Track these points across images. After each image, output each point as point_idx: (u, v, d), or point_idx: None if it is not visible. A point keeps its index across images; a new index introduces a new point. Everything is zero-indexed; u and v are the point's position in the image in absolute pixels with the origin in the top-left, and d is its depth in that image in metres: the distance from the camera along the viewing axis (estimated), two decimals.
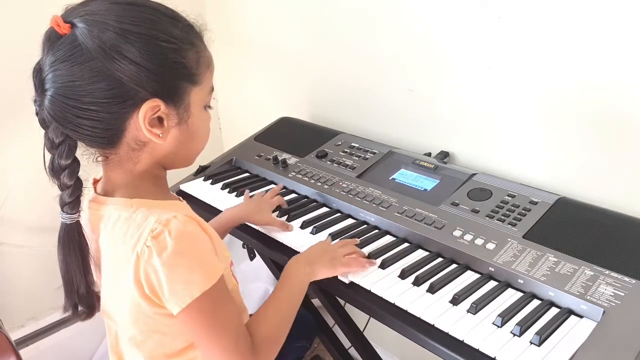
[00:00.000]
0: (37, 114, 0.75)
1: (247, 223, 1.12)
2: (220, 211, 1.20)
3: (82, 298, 0.81)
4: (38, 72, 0.72)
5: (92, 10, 0.70)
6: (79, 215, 0.78)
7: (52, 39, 0.70)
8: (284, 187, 1.29)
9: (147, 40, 0.70)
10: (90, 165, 0.79)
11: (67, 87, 0.70)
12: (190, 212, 0.81)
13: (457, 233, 1.00)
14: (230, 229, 1.12)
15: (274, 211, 1.15)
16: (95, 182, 0.85)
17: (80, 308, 0.82)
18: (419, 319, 0.85)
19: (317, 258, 0.95)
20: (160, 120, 0.75)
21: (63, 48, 0.69)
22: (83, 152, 0.77)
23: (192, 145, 0.81)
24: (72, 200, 0.76)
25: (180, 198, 0.88)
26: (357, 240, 1.04)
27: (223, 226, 1.11)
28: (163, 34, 0.72)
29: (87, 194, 0.81)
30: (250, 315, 0.90)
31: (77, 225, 0.79)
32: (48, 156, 0.76)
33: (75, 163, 0.76)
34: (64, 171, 0.75)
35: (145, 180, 0.80)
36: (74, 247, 0.78)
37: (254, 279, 1.93)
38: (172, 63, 0.73)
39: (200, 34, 0.78)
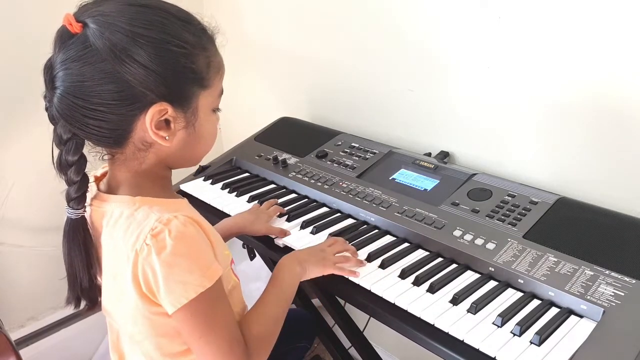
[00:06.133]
0: (46, 109, 0.75)
1: (244, 234, 1.12)
2: (221, 211, 1.21)
3: (85, 291, 0.82)
4: (49, 69, 0.72)
5: (105, 11, 0.71)
6: (84, 211, 0.79)
7: (63, 38, 0.71)
8: (284, 188, 1.29)
9: (157, 45, 0.71)
10: (92, 161, 0.80)
11: (76, 86, 0.70)
12: (192, 211, 0.82)
13: (457, 233, 1.00)
14: (228, 239, 1.12)
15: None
16: (96, 178, 0.85)
17: (82, 300, 0.83)
18: (418, 318, 0.85)
19: (308, 257, 0.95)
20: (167, 122, 0.75)
21: (74, 48, 0.70)
22: (90, 150, 0.78)
23: (199, 147, 0.82)
24: (78, 196, 0.77)
25: (181, 196, 0.88)
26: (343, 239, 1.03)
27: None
28: (174, 38, 0.72)
29: (90, 190, 0.82)
30: None
31: (82, 220, 0.79)
32: (56, 150, 0.76)
33: (82, 159, 0.77)
34: (71, 167, 0.76)
35: (149, 179, 0.80)
36: (78, 242, 0.79)
37: (254, 279, 1.92)
38: (182, 68, 0.73)
39: (212, 37, 0.78)
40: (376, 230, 1.09)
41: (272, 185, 1.31)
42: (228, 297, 0.81)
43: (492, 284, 0.91)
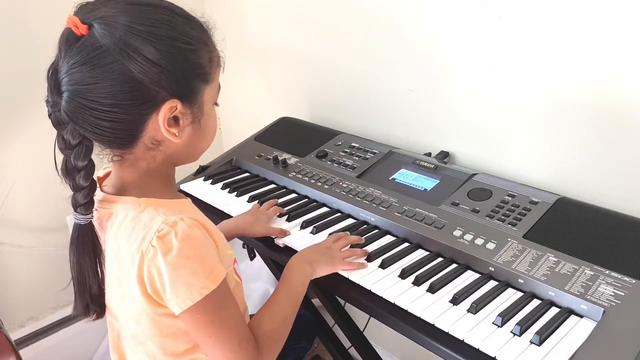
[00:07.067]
0: (49, 115, 0.74)
1: (244, 236, 1.12)
2: (221, 211, 1.21)
3: (95, 298, 0.82)
4: (54, 74, 0.72)
5: (110, 12, 0.70)
6: (92, 216, 0.78)
7: (70, 41, 0.70)
8: (284, 188, 1.29)
9: (168, 42, 0.71)
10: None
11: (88, 89, 0.69)
12: (195, 211, 0.82)
13: (457, 233, 1.00)
14: (228, 241, 1.12)
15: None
16: (99, 179, 0.85)
17: (91, 308, 0.83)
18: (419, 318, 0.85)
19: (317, 256, 0.95)
20: (175, 119, 0.75)
21: (83, 50, 0.69)
22: (98, 153, 0.77)
23: (203, 142, 0.82)
24: (87, 202, 0.77)
25: (184, 196, 0.88)
26: (348, 234, 1.04)
27: None
28: (182, 35, 0.73)
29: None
30: (251, 315, 0.90)
31: (91, 226, 0.79)
32: (60, 156, 0.76)
33: (91, 164, 0.76)
34: (80, 172, 0.75)
35: (155, 179, 0.81)
36: (88, 248, 0.79)
37: (254, 279, 1.93)
38: (191, 64, 0.74)
39: (209, 32, 0.79)
40: (376, 230, 1.09)
41: (272, 185, 1.31)
42: None
43: (492, 283, 0.91)
